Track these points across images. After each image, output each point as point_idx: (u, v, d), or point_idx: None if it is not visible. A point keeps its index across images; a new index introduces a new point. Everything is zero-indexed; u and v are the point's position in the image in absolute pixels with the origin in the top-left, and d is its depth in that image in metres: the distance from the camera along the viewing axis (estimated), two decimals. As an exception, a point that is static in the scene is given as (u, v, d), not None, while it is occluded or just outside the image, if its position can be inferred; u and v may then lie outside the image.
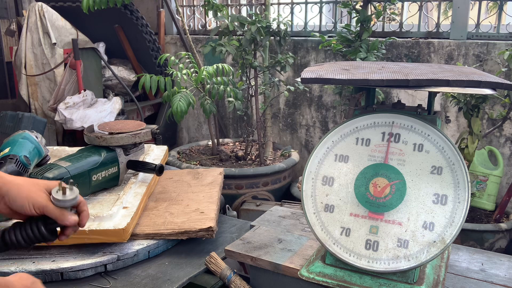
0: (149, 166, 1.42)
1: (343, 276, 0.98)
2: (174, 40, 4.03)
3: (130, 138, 1.41)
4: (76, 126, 3.03)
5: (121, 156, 1.42)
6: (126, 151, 1.44)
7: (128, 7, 3.59)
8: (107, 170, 1.38)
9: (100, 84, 3.61)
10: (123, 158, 1.43)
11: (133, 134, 1.41)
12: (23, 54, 3.19)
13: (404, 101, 1.89)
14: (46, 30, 3.14)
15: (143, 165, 1.44)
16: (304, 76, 0.95)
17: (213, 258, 1.16)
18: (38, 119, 2.84)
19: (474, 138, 2.13)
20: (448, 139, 0.93)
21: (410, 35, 2.99)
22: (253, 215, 2.43)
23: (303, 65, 3.33)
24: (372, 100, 1.08)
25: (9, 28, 3.62)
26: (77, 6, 3.22)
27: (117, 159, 1.41)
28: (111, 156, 1.39)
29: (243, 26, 2.71)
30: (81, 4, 2.63)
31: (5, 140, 1.44)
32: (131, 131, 1.43)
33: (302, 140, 3.48)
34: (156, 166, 1.40)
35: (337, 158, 1.00)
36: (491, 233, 2.24)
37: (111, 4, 2.69)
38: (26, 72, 3.22)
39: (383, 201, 0.94)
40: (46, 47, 3.17)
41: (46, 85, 3.25)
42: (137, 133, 1.42)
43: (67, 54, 3.20)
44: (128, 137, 1.41)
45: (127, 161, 1.44)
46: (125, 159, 1.44)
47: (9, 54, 3.60)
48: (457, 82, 0.84)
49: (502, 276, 1.07)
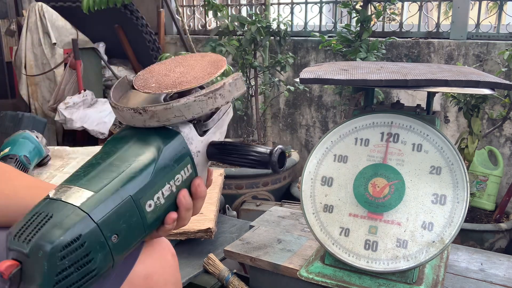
0: (258, 153, 0.62)
1: (342, 276, 0.98)
2: (174, 40, 4.03)
3: (209, 101, 0.59)
4: (76, 126, 3.03)
5: (195, 140, 0.61)
6: (201, 126, 0.63)
7: (128, 7, 3.59)
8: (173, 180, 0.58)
9: (100, 84, 3.61)
10: (199, 143, 0.62)
11: (213, 91, 0.58)
12: (23, 54, 3.20)
13: (404, 101, 1.89)
14: (46, 30, 3.14)
15: (246, 152, 0.63)
16: (302, 76, 0.95)
17: (211, 259, 1.16)
18: (38, 119, 2.85)
19: (474, 138, 2.13)
20: (447, 139, 0.93)
21: (410, 35, 2.99)
22: (253, 215, 2.43)
23: (303, 65, 3.33)
24: (371, 100, 1.08)
25: (9, 28, 3.63)
26: (77, 6, 3.22)
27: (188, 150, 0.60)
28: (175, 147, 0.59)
29: (243, 26, 2.71)
30: (81, 4, 2.63)
31: (5, 140, 1.45)
32: (201, 82, 0.60)
33: (302, 140, 3.48)
34: (274, 151, 0.61)
35: (336, 159, 1.00)
36: (491, 233, 2.24)
37: (111, 4, 2.69)
38: (26, 72, 3.22)
39: (382, 201, 0.94)
40: (46, 47, 3.17)
41: (46, 85, 3.25)
42: (221, 87, 0.59)
43: (67, 54, 3.20)
44: (206, 100, 0.58)
45: (207, 147, 0.64)
46: (202, 143, 0.63)
47: (9, 54, 3.60)
48: (456, 82, 0.84)
49: (501, 276, 1.07)
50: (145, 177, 0.54)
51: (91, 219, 0.48)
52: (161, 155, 0.57)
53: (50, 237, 0.45)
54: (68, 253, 0.45)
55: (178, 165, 0.59)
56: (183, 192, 0.59)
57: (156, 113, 0.57)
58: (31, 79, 3.24)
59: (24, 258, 0.45)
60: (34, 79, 3.24)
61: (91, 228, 0.47)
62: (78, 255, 0.46)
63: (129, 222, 0.52)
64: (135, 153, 0.56)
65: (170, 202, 0.58)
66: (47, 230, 0.46)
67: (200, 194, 0.61)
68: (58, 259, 0.45)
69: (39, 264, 0.44)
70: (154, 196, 0.55)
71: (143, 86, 0.60)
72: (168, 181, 0.57)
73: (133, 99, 0.63)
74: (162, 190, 0.56)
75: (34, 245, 0.45)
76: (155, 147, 0.57)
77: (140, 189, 0.53)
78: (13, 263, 0.45)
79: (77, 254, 0.46)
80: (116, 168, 0.53)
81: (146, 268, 0.62)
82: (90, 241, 0.47)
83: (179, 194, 0.58)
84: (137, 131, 0.59)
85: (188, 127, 0.61)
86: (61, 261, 0.45)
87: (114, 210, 0.50)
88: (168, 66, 0.66)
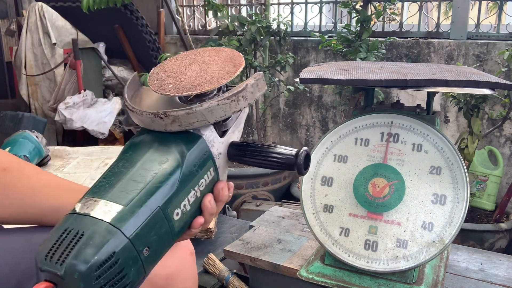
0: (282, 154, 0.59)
1: (342, 276, 0.98)
2: (174, 40, 4.03)
3: (232, 104, 0.55)
4: (76, 126, 3.04)
5: (216, 142, 0.59)
6: (220, 126, 0.60)
7: (128, 7, 3.60)
8: (197, 185, 0.56)
9: (100, 84, 3.61)
10: (220, 145, 0.59)
11: (236, 93, 0.55)
12: (23, 54, 3.20)
13: (404, 101, 1.89)
14: (46, 30, 3.14)
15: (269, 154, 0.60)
16: (302, 76, 0.95)
17: (211, 259, 1.16)
18: (38, 119, 2.85)
19: (474, 138, 2.13)
20: (447, 139, 0.93)
21: (410, 35, 2.99)
22: (253, 215, 2.43)
23: (303, 65, 3.33)
24: (371, 100, 1.08)
25: (9, 28, 3.63)
26: (77, 6, 3.22)
27: (210, 153, 0.58)
28: (198, 152, 0.56)
29: (243, 26, 2.71)
30: (81, 4, 2.63)
31: (6, 140, 1.45)
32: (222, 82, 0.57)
33: (302, 140, 3.48)
34: (300, 153, 0.59)
35: (336, 159, 1.00)
36: (491, 233, 2.24)
37: (111, 4, 2.69)
38: (26, 72, 3.23)
39: (382, 201, 0.94)
40: (46, 47, 3.17)
41: (46, 85, 3.26)
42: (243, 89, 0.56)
43: (67, 54, 3.20)
44: (229, 104, 0.55)
45: (228, 148, 0.61)
46: (223, 145, 0.60)
47: (9, 54, 3.60)
48: (456, 82, 0.84)
49: (501, 276, 1.07)
50: (171, 186, 0.52)
51: (123, 234, 0.46)
52: (185, 161, 0.54)
53: (84, 257, 0.44)
54: (103, 272, 0.44)
55: (201, 170, 0.56)
56: (209, 197, 0.58)
57: (178, 118, 0.54)
58: (31, 79, 3.24)
59: (59, 279, 0.44)
60: (34, 79, 3.24)
61: (124, 244, 0.46)
62: (113, 273, 0.45)
63: (159, 234, 0.50)
64: (158, 160, 0.53)
65: (195, 207, 0.56)
66: (80, 249, 0.44)
67: (222, 198, 0.60)
68: (93, 279, 0.44)
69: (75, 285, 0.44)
70: (181, 204, 0.53)
71: (160, 87, 0.57)
72: (193, 187, 0.55)
73: (146, 97, 0.61)
74: (188, 197, 0.54)
75: (69, 266, 0.43)
76: (178, 153, 0.54)
77: (168, 199, 0.51)
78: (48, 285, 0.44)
79: (112, 272, 0.45)
80: (142, 178, 0.51)
81: (167, 268, 0.62)
82: (124, 257, 0.46)
83: (204, 200, 0.57)
84: (157, 135, 0.56)
85: (209, 129, 0.58)
86: (97, 280, 0.44)
87: (145, 223, 0.48)
88: (182, 63, 0.62)
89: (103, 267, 0.44)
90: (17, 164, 0.69)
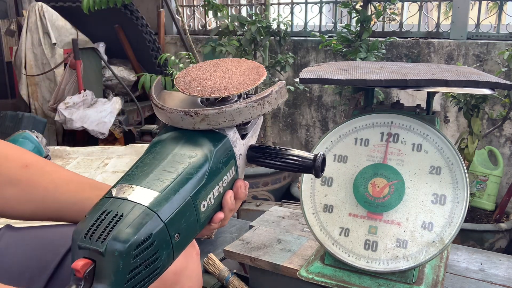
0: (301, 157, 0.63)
1: (342, 276, 0.98)
2: (174, 40, 4.03)
3: (258, 107, 0.60)
4: (76, 126, 3.04)
5: (238, 144, 0.64)
6: (240, 129, 0.65)
7: (128, 7, 3.60)
8: (221, 181, 0.60)
9: (100, 84, 3.61)
10: (241, 146, 0.65)
11: (262, 98, 0.60)
12: (23, 54, 3.20)
13: (404, 101, 1.89)
14: (46, 30, 3.14)
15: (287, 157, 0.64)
16: (302, 76, 0.95)
17: (211, 259, 1.16)
18: (38, 119, 2.85)
19: (474, 138, 2.13)
20: (446, 139, 0.93)
21: (410, 35, 2.99)
22: (253, 215, 2.43)
23: (303, 65, 3.33)
24: (371, 100, 1.08)
25: (9, 28, 3.63)
26: (77, 6, 3.22)
27: (233, 153, 0.63)
28: (223, 150, 0.61)
29: (243, 26, 2.71)
30: (81, 4, 2.63)
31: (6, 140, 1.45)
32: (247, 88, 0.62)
33: (302, 140, 3.48)
34: (317, 157, 0.62)
35: (336, 159, 1.00)
36: (491, 233, 2.24)
37: (111, 4, 2.69)
38: (26, 72, 3.23)
39: (382, 201, 0.94)
40: (46, 47, 3.17)
41: (46, 85, 3.26)
42: (269, 94, 0.60)
43: (67, 54, 3.20)
44: (256, 107, 0.60)
45: (247, 151, 0.66)
46: (243, 146, 0.65)
47: (9, 54, 3.60)
48: (456, 82, 0.84)
49: (501, 276, 1.07)
50: (201, 179, 0.56)
51: (159, 218, 0.49)
52: (213, 157, 0.58)
53: (125, 236, 0.46)
54: (140, 252, 0.47)
55: (225, 167, 0.61)
56: (230, 193, 0.61)
57: (207, 117, 0.58)
58: (31, 79, 3.25)
59: (99, 256, 0.46)
60: (34, 79, 3.24)
61: (160, 227, 0.49)
62: (148, 254, 0.48)
63: (188, 222, 0.54)
64: (188, 154, 0.57)
65: (218, 202, 0.60)
66: (121, 229, 0.46)
67: (240, 196, 0.63)
68: (131, 258, 0.46)
69: (114, 262, 0.45)
70: (207, 197, 0.57)
71: (188, 89, 0.61)
72: (218, 182, 0.59)
73: (168, 99, 0.65)
74: (213, 191, 0.58)
75: (110, 244, 0.45)
76: (207, 149, 0.58)
77: (197, 190, 0.55)
78: (87, 262, 0.45)
79: (148, 252, 0.48)
80: (174, 169, 0.54)
81: (175, 264, 0.64)
82: (159, 240, 0.49)
83: (225, 195, 0.60)
84: (184, 133, 0.60)
85: (232, 131, 0.63)
86: (134, 260, 0.46)
87: (177, 210, 0.51)
88: (207, 70, 0.66)
89: (140, 247, 0.47)
90: (38, 161, 0.70)
